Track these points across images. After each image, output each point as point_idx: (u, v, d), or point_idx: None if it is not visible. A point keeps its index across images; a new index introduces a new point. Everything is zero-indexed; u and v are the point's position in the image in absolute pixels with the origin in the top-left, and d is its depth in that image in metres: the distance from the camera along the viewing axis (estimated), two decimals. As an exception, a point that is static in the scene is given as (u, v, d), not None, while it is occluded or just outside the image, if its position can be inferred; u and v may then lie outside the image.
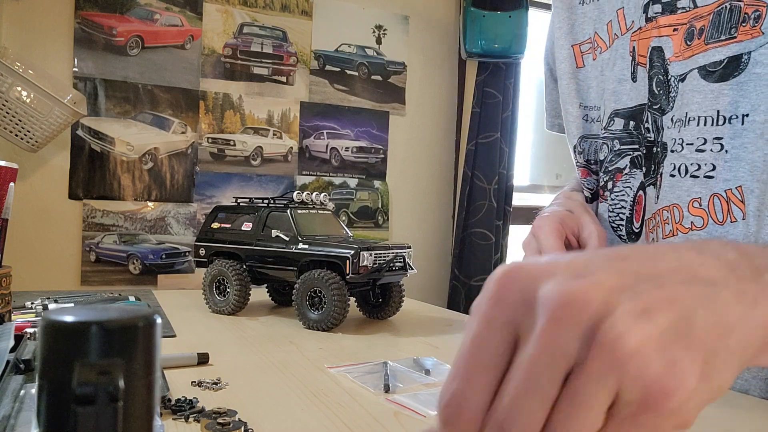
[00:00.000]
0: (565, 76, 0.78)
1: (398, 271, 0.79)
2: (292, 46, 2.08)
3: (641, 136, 0.65)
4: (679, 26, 0.60)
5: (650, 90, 0.63)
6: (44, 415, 0.21)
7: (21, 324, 0.62)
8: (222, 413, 0.43)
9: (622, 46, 0.68)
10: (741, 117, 0.54)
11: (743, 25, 0.54)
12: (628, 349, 0.22)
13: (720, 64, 0.55)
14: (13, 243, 0.79)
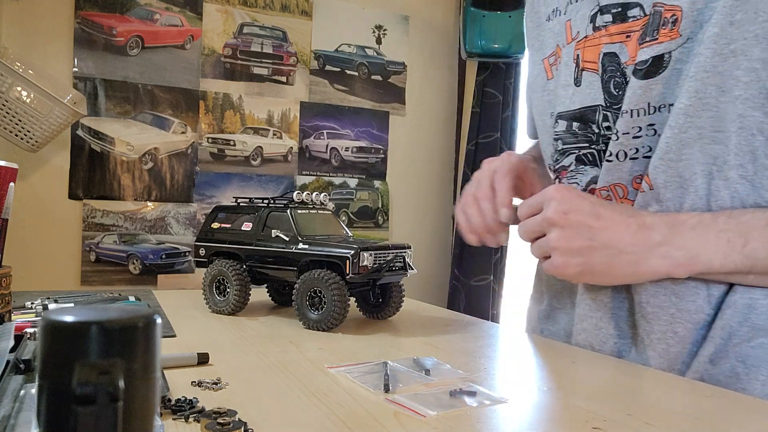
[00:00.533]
0: (539, 89, 0.82)
1: (398, 271, 0.79)
2: (292, 46, 2.08)
3: (594, 134, 0.70)
4: (631, 33, 0.66)
5: (607, 92, 0.69)
6: (44, 415, 0.21)
7: (21, 324, 0.62)
8: (222, 413, 0.43)
9: (566, 55, 0.74)
10: (668, 106, 0.62)
11: (663, 28, 0.61)
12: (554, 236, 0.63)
13: (645, 63, 0.63)
14: (13, 243, 0.79)
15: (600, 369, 0.65)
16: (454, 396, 0.51)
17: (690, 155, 0.61)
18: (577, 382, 0.58)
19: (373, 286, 0.83)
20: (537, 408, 0.50)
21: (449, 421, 0.45)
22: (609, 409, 0.50)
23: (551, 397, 0.52)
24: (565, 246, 0.62)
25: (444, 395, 0.51)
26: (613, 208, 0.63)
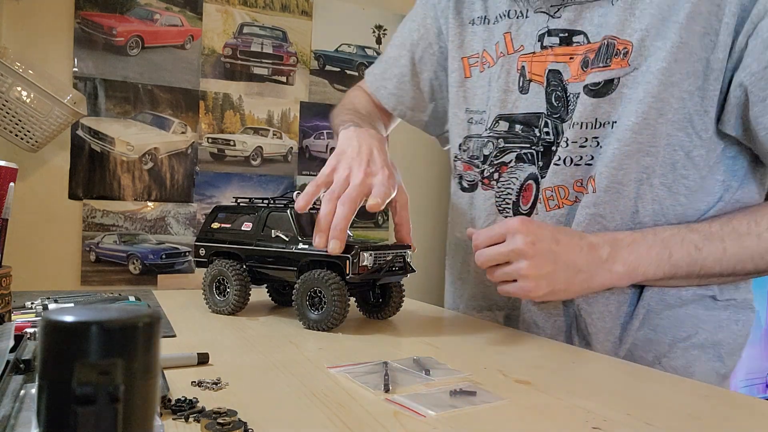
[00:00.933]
0: (454, 84, 0.94)
1: (398, 272, 0.79)
2: (292, 46, 2.08)
3: (535, 137, 0.82)
4: (574, 56, 0.77)
5: (549, 103, 0.80)
6: (44, 415, 0.21)
7: (21, 324, 0.62)
8: (222, 413, 0.43)
9: (508, 63, 0.85)
10: (611, 123, 0.74)
11: (616, 57, 0.73)
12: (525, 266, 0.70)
13: (598, 85, 0.74)
14: (13, 243, 0.79)
15: (600, 369, 0.65)
16: (454, 396, 0.51)
17: (628, 165, 0.73)
18: (577, 382, 0.58)
19: (373, 286, 0.83)
20: (537, 408, 0.50)
21: (449, 421, 0.46)
22: (609, 409, 0.50)
23: (551, 397, 0.52)
24: (536, 273, 0.70)
25: (444, 395, 0.51)
26: (565, 232, 0.73)
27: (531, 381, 0.57)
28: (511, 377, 0.58)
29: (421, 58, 1.02)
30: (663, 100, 0.71)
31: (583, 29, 0.78)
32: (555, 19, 0.80)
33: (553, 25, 0.80)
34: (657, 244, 0.71)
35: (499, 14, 0.88)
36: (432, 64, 1.01)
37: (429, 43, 1.01)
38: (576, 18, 0.78)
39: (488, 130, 0.87)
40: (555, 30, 0.80)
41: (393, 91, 1.05)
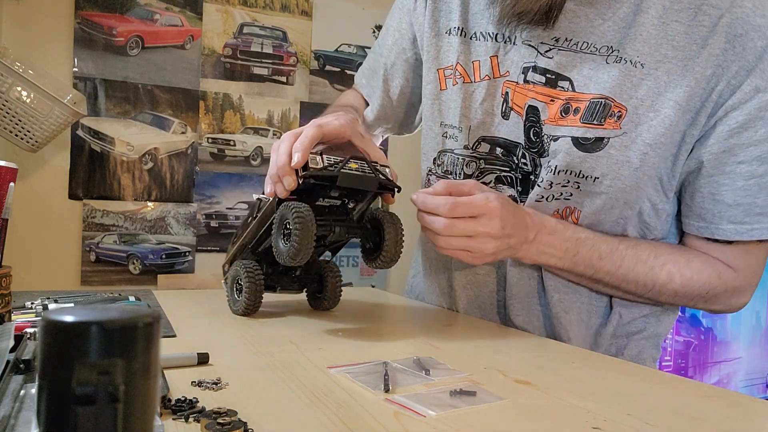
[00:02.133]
0: (429, 96, 0.93)
1: (368, 180, 0.72)
2: (292, 46, 2.08)
3: (514, 164, 0.85)
4: (555, 98, 0.80)
5: (527, 137, 0.83)
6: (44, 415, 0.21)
7: (21, 324, 0.62)
8: (222, 413, 0.43)
9: (493, 87, 0.86)
10: (593, 177, 0.78)
11: (610, 118, 0.76)
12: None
13: (588, 141, 0.78)
14: (13, 243, 0.79)
15: (600, 369, 0.65)
16: (454, 396, 0.51)
17: (611, 213, 0.80)
18: (577, 382, 0.58)
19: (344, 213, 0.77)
20: (537, 408, 0.50)
21: (449, 421, 0.46)
22: (609, 409, 0.50)
23: (551, 397, 0.52)
24: (494, 252, 0.76)
25: (444, 395, 0.51)
26: (519, 215, 0.78)
27: (531, 381, 0.57)
28: (511, 377, 0.58)
29: (393, 64, 1.02)
30: (652, 167, 0.77)
31: (570, 76, 0.79)
32: (544, 57, 0.81)
33: (541, 63, 0.81)
34: (571, 241, 0.79)
35: (481, 32, 0.87)
36: (405, 70, 1.01)
37: (403, 48, 1.00)
38: (566, 63, 0.79)
39: (470, 149, 0.89)
40: (542, 69, 0.81)
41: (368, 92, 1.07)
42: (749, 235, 0.76)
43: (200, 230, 1.95)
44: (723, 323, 2.57)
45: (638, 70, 0.75)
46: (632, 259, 0.80)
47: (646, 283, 0.80)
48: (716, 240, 0.79)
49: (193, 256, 1.92)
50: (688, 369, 2.50)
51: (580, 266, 0.80)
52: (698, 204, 0.79)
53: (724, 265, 0.80)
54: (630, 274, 0.80)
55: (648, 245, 0.81)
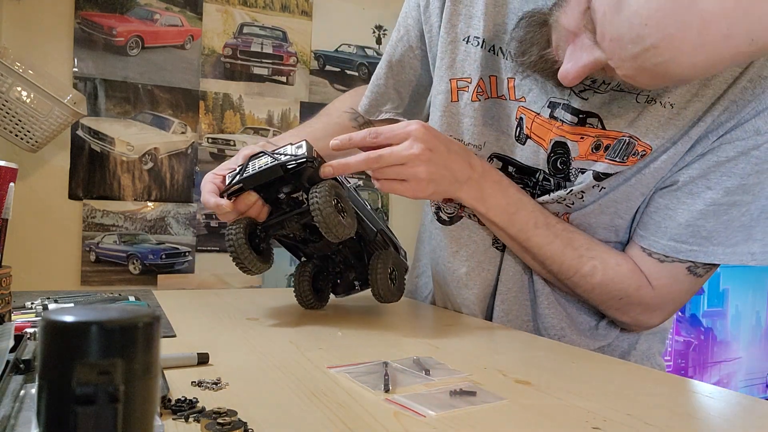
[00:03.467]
0: (439, 108, 0.90)
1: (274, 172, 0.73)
2: (292, 46, 2.08)
3: (532, 182, 0.85)
4: (585, 136, 0.80)
5: (553, 166, 0.83)
6: (44, 415, 0.21)
7: (21, 324, 0.62)
8: (222, 413, 0.43)
9: (508, 108, 0.85)
10: (600, 188, 0.80)
11: (633, 156, 0.77)
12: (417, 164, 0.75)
13: (608, 176, 0.78)
14: (13, 243, 0.79)
15: (600, 369, 0.65)
16: (454, 396, 0.51)
17: (602, 219, 0.82)
18: (577, 382, 0.58)
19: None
20: (537, 408, 0.50)
21: (449, 421, 0.46)
22: (609, 409, 0.50)
23: (551, 397, 0.52)
24: (428, 177, 0.76)
25: (444, 395, 0.51)
26: (457, 144, 0.80)
27: (531, 381, 0.57)
28: (511, 377, 0.58)
29: (400, 60, 0.99)
30: (648, 187, 0.79)
31: (599, 113, 0.78)
32: (579, 98, 0.79)
33: (575, 104, 0.79)
34: (513, 198, 0.81)
35: (501, 47, 0.84)
36: (412, 67, 0.98)
37: (410, 46, 0.97)
38: (598, 103, 0.78)
39: None
40: (575, 109, 0.79)
41: (370, 96, 1.04)
42: (686, 255, 0.77)
43: (200, 230, 1.95)
44: (723, 323, 2.57)
45: (667, 111, 0.74)
46: (565, 240, 0.81)
47: (569, 268, 0.81)
48: (651, 254, 0.79)
49: (193, 256, 1.92)
50: (688, 369, 2.50)
51: (515, 227, 0.81)
52: (650, 214, 0.80)
53: (647, 281, 0.80)
54: (558, 254, 0.80)
55: (585, 237, 0.82)
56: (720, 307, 2.56)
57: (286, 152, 0.74)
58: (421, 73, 0.99)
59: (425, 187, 0.77)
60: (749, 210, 0.75)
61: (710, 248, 0.76)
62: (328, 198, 0.70)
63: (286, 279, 1.98)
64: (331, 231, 0.71)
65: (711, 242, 0.76)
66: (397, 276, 0.86)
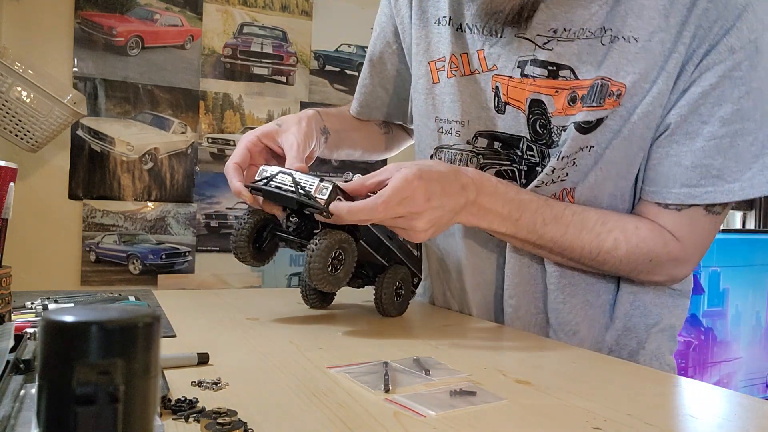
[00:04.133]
0: (422, 92, 0.91)
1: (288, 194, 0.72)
2: (292, 46, 2.08)
3: (518, 157, 0.84)
4: (560, 90, 0.79)
5: (533, 130, 0.82)
6: (44, 415, 0.21)
7: (21, 324, 0.62)
8: (222, 413, 0.43)
9: (483, 81, 0.85)
10: (589, 147, 0.78)
11: (609, 98, 0.76)
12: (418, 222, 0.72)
13: (590, 123, 0.77)
14: (13, 243, 0.79)
15: (600, 369, 0.65)
16: (454, 396, 0.51)
17: (605, 186, 0.80)
18: (577, 382, 0.58)
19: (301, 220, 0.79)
20: (537, 408, 0.50)
21: (449, 421, 0.46)
22: (609, 409, 0.50)
23: (551, 397, 0.52)
24: (428, 226, 0.73)
25: (444, 395, 0.51)
26: (448, 180, 0.75)
27: (531, 381, 0.57)
28: (511, 377, 0.58)
29: (380, 58, 1.01)
30: (643, 138, 0.77)
31: (571, 65, 0.78)
32: (543, 50, 0.80)
33: (541, 56, 0.80)
34: (513, 203, 0.77)
35: (467, 24, 0.86)
36: (392, 62, 1.01)
37: (387, 42, 1.00)
38: (565, 53, 0.79)
39: (471, 145, 0.88)
40: (542, 62, 0.80)
41: (360, 98, 1.06)
42: (702, 198, 0.75)
43: (200, 230, 1.95)
44: (723, 323, 2.57)
45: (633, 45, 0.74)
46: (578, 225, 0.78)
47: (591, 250, 0.79)
48: (667, 206, 0.78)
49: (193, 256, 1.92)
50: (688, 369, 2.50)
51: (523, 231, 0.79)
52: (654, 167, 0.78)
53: (671, 235, 0.78)
54: (575, 241, 0.78)
55: (596, 212, 0.80)
56: (720, 307, 2.56)
57: (310, 186, 0.72)
58: (402, 68, 1.01)
59: (425, 235, 0.75)
60: (757, 138, 0.73)
61: (725, 186, 0.74)
62: (324, 254, 0.71)
63: (286, 279, 1.98)
64: (313, 282, 0.72)
65: (725, 180, 0.74)
66: (403, 293, 0.87)
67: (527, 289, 0.86)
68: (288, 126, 0.84)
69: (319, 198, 0.71)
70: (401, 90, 1.03)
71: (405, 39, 0.95)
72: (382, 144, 1.12)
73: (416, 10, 0.91)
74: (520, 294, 0.86)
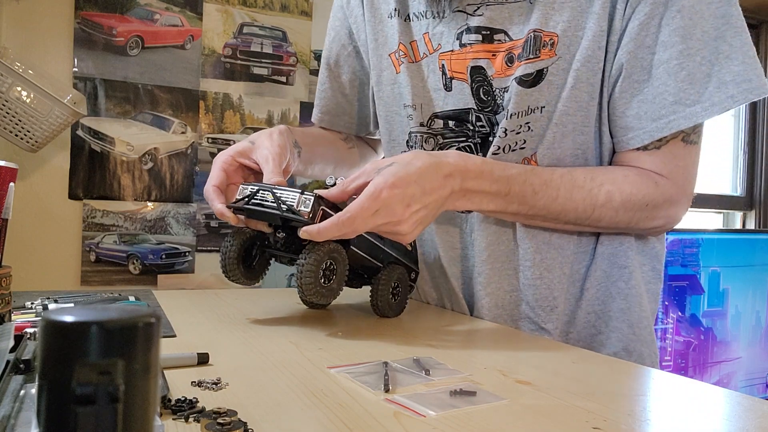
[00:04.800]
0: (388, 83, 0.95)
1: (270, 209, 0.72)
2: (291, 46, 2.08)
3: (470, 131, 0.86)
4: (497, 52, 0.82)
5: (477, 98, 0.84)
6: (44, 415, 0.21)
7: (21, 324, 0.62)
8: (222, 413, 0.43)
9: (432, 63, 0.89)
10: (540, 108, 0.80)
11: (544, 48, 0.78)
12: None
13: (530, 76, 0.79)
14: (13, 243, 0.79)
15: (600, 369, 0.65)
16: (454, 396, 0.51)
17: (566, 144, 0.81)
18: (577, 382, 0.58)
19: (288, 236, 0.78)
20: (537, 408, 0.50)
21: (449, 421, 0.46)
22: (609, 409, 0.50)
23: (551, 397, 0.52)
24: (412, 229, 0.73)
25: (444, 395, 0.51)
26: (428, 175, 0.72)
27: (531, 381, 0.57)
28: (511, 377, 0.58)
29: (337, 62, 1.05)
30: (592, 84, 0.78)
31: (504, 28, 0.81)
32: (475, 17, 0.83)
33: (473, 23, 0.83)
34: (501, 181, 0.77)
35: (415, 13, 0.91)
36: (349, 64, 1.04)
37: (342, 44, 1.04)
38: (496, 17, 0.82)
39: (426, 127, 0.91)
40: (476, 27, 0.83)
41: (319, 104, 1.12)
42: (668, 129, 0.76)
43: (200, 230, 1.95)
44: (723, 323, 2.57)
45: None
46: (568, 186, 0.78)
47: (586, 208, 0.78)
48: (645, 148, 0.79)
49: (193, 256, 1.92)
50: (688, 369, 2.50)
51: (513, 205, 0.78)
52: (624, 113, 0.79)
53: (659, 176, 0.79)
54: (568, 203, 0.78)
55: (583, 170, 0.80)
56: (720, 307, 2.56)
57: (292, 200, 0.71)
58: (358, 69, 1.04)
59: (412, 236, 0.74)
60: (704, 57, 0.74)
61: (687, 110, 0.75)
62: (314, 268, 0.70)
63: (286, 279, 1.98)
64: (307, 297, 0.72)
65: (684, 104, 0.75)
66: (400, 293, 0.87)
67: (497, 266, 0.86)
68: (261, 141, 0.86)
69: (302, 210, 0.70)
70: (361, 96, 1.07)
71: (360, 37, 1.00)
72: (349, 158, 1.15)
73: (368, 8, 0.96)
74: (490, 271, 0.86)
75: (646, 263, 0.87)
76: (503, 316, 0.87)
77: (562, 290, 0.84)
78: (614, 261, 0.85)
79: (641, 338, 0.85)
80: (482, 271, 0.86)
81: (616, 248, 0.85)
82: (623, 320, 0.85)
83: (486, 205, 0.78)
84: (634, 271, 0.85)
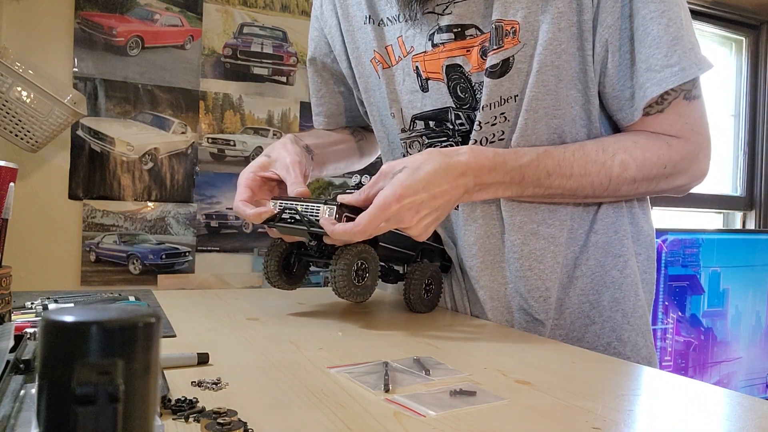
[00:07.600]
0: (375, 88, 0.96)
1: (299, 226, 0.77)
2: (292, 46, 2.08)
3: (450, 130, 0.87)
4: (470, 47, 0.83)
5: (455, 96, 0.85)
6: (44, 415, 0.21)
7: (21, 324, 0.62)
8: (222, 413, 0.43)
9: (406, 66, 0.89)
10: (513, 97, 0.81)
11: (507, 37, 0.79)
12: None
13: (497, 66, 0.80)
14: (13, 243, 0.79)
15: (600, 369, 0.65)
16: (454, 396, 0.51)
17: (540, 129, 0.81)
18: (577, 382, 0.58)
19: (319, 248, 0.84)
20: (537, 408, 0.50)
21: (449, 421, 0.46)
22: (609, 409, 0.50)
23: (551, 397, 0.52)
24: (423, 232, 0.75)
25: (444, 395, 0.51)
26: (437, 179, 0.73)
27: (531, 381, 0.57)
28: (511, 377, 0.58)
29: (324, 67, 1.07)
30: (558, 67, 0.79)
31: (473, 22, 0.82)
32: (444, 16, 0.84)
33: (443, 22, 0.84)
34: (514, 171, 0.78)
35: (388, 17, 0.91)
36: (335, 68, 1.06)
37: (324, 53, 1.06)
38: (464, 12, 0.82)
39: (408, 131, 0.92)
40: (446, 26, 0.84)
41: (316, 111, 1.15)
42: (674, 80, 0.76)
43: (200, 230, 1.95)
44: (723, 323, 2.57)
45: None
46: (581, 162, 0.79)
47: (602, 181, 0.79)
48: (649, 114, 0.79)
49: (193, 256, 1.92)
50: (688, 369, 2.50)
51: (529, 189, 0.80)
52: (623, 81, 0.79)
53: (669, 136, 0.80)
54: (584, 179, 0.79)
55: (593, 143, 0.81)
56: (720, 308, 2.56)
57: (315, 212, 0.77)
58: (342, 72, 1.05)
59: (426, 235, 0.76)
60: (671, 19, 0.76)
61: (686, 59, 0.76)
62: (345, 271, 0.76)
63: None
64: (343, 297, 0.78)
65: (684, 51, 0.76)
66: (433, 289, 0.90)
67: (488, 258, 0.87)
68: (277, 153, 0.89)
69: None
70: (354, 90, 1.08)
71: (336, 47, 1.01)
72: (359, 150, 1.16)
73: (343, 18, 0.97)
74: (481, 265, 0.87)
75: (642, 252, 0.88)
76: (499, 309, 0.87)
77: (554, 280, 0.84)
78: (608, 250, 0.85)
79: (636, 328, 0.85)
80: (473, 266, 0.87)
81: (610, 237, 0.85)
82: (617, 309, 0.85)
83: (501, 193, 0.80)
84: (629, 260, 0.85)
